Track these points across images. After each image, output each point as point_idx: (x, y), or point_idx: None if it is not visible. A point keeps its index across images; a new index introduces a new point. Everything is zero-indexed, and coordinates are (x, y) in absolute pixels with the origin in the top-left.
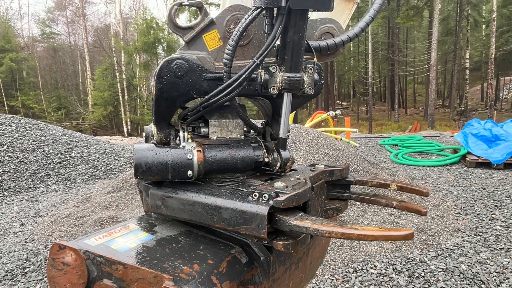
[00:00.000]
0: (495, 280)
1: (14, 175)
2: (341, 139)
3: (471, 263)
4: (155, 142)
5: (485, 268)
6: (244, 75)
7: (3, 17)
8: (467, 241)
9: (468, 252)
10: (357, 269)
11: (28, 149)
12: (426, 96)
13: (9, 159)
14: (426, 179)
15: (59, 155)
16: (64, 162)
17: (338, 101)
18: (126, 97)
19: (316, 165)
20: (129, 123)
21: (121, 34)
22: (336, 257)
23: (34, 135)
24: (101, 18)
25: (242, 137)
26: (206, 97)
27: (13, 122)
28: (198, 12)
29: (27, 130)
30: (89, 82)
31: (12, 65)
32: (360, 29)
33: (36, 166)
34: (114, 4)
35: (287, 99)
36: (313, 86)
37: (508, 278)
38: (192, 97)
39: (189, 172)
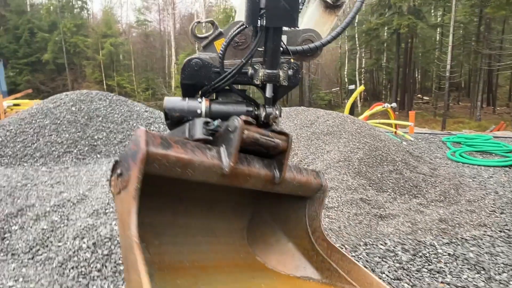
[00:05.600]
0: (498, 269)
1: (105, 142)
2: (395, 132)
3: (481, 253)
4: None
5: (493, 259)
6: (234, 71)
7: (107, 5)
8: (488, 235)
9: (484, 244)
10: (368, 243)
11: (117, 121)
12: None
13: (103, 128)
14: (475, 177)
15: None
16: None
17: (419, 95)
18: None
19: None
20: None
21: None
22: (351, 232)
23: (123, 110)
24: (187, 7)
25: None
26: (212, 83)
27: (108, 98)
28: (211, 26)
29: (117, 105)
30: (174, 66)
31: (111, 49)
32: (336, 33)
33: (122, 136)
34: None
35: (268, 88)
36: (287, 80)
37: None
38: (204, 84)
39: (199, 111)
